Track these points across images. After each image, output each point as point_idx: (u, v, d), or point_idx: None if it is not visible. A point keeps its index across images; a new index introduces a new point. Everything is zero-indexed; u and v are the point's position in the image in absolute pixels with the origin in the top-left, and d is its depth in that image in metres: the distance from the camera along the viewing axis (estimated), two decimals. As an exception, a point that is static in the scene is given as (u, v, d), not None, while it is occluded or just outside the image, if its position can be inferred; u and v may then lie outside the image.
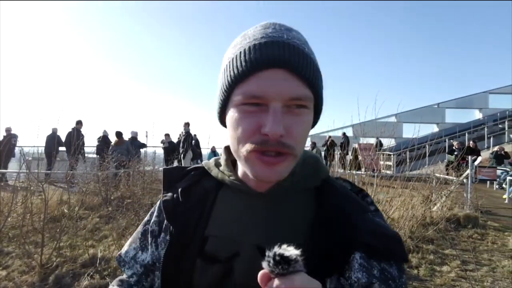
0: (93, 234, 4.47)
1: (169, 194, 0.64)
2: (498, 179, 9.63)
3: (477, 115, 20.63)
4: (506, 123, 17.42)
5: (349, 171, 6.51)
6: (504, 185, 9.25)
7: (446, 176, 7.23)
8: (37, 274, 3.24)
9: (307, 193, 0.60)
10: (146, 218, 0.69)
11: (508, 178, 8.69)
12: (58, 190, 5.44)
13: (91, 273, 3.23)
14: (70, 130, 9.01)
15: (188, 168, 0.69)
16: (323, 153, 11.91)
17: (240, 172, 0.61)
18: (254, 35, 0.52)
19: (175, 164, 10.49)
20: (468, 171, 6.82)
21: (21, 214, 3.91)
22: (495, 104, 20.62)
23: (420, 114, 19.01)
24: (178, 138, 10.95)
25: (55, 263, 3.37)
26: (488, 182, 10.23)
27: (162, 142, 10.52)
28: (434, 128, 19.89)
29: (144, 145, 10.50)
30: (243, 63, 0.50)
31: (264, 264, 0.40)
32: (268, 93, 0.49)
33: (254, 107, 0.50)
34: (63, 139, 9.40)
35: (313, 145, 12.77)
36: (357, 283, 0.49)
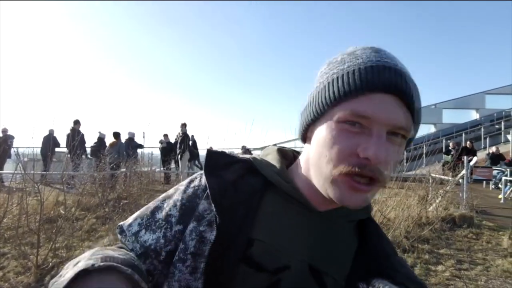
0: (90, 235, 4.47)
1: (215, 180, 0.56)
2: (494, 179, 9.70)
3: (474, 115, 20.75)
4: (503, 123, 17.53)
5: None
6: (499, 185, 9.31)
7: (442, 176, 7.27)
8: (33, 274, 3.23)
9: (352, 224, 0.59)
10: (167, 194, 0.62)
11: (504, 178, 8.76)
12: (54, 191, 5.43)
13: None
14: (69, 131, 8.99)
15: (235, 158, 0.62)
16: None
17: (301, 183, 0.57)
18: (368, 57, 0.50)
19: (172, 165, 10.50)
20: (463, 171, 6.87)
21: (17, 215, 3.90)
22: (492, 105, 20.75)
23: (417, 114, 19.12)
24: (175, 139, 10.96)
25: (51, 263, 3.37)
26: (484, 182, 10.30)
27: (161, 142, 10.52)
28: (432, 129, 20.01)
29: (141, 146, 10.49)
30: (357, 81, 0.47)
31: None
32: (378, 116, 0.46)
33: (355, 127, 0.47)
34: (59, 140, 9.40)
35: None
36: None
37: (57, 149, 9.72)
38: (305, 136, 0.57)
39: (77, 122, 9.06)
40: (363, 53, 0.51)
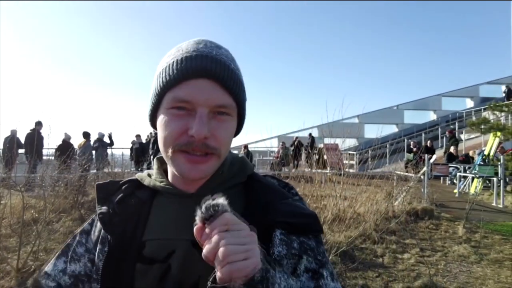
0: (67, 237, 4.38)
1: (105, 207, 0.65)
2: (449, 175, 10.54)
3: (432, 116, 22.12)
4: (457, 123, 18.86)
5: (315, 170, 6.87)
6: (454, 181, 10.15)
7: (406, 174, 7.83)
8: (13, 278, 3.17)
9: (235, 189, 0.65)
10: (77, 231, 0.70)
11: (458, 174, 9.56)
12: (20, 194, 5.22)
13: (71, 275, 3.23)
14: (29, 131, 8.60)
15: (122, 182, 0.70)
16: (291, 153, 12.26)
17: (170, 177, 0.65)
18: (187, 48, 0.58)
19: (145, 166, 10.33)
20: (425, 168, 7.47)
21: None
22: (448, 106, 22.31)
23: (381, 115, 19.83)
24: (147, 139, 10.79)
25: (33, 266, 3.32)
26: (441, 178, 11.16)
27: (133, 143, 10.32)
28: (394, 129, 21.07)
29: (111, 144, 10.23)
30: (175, 71, 0.56)
31: (197, 218, 0.46)
32: (196, 98, 0.55)
33: (182, 111, 0.56)
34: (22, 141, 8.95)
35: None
36: (279, 256, 0.56)
37: (20, 151, 9.22)
38: (154, 125, 0.63)
39: (38, 124, 8.64)
40: (186, 45, 0.60)
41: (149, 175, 0.69)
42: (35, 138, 6.62)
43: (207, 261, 0.45)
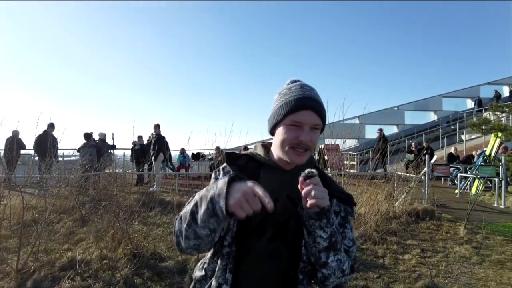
0: (68, 238, 4.39)
1: (233, 166, 1.04)
2: (450, 176, 10.52)
3: (432, 117, 22.11)
4: (457, 124, 18.85)
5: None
6: (455, 181, 10.13)
7: (406, 174, 7.81)
8: (13, 279, 3.17)
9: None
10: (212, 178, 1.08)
11: (459, 174, 9.54)
12: (19, 195, 5.22)
13: (71, 276, 3.22)
14: (42, 133, 8.56)
15: (239, 154, 1.09)
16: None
17: (276, 159, 1.04)
18: (297, 91, 0.99)
19: (146, 167, 10.33)
20: (425, 169, 7.45)
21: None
22: (448, 107, 22.30)
23: (381, 116, 19.73)
24: (148, 140, 10.79)
25: (33, 267, 3.31)
26: (442, 178, 11.14)
27: (134, 143, 10.31)
28: (395, 129, 21.06)
29: (113, 147, 10.22)
30: (293, 106, 0.96)
31: (302, 176, 0.86)
32: (304, 121, 0.96)
33: (295, 127, 0.97)
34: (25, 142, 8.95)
35: None
36: (334, 210, 0.98)
37: (22, 152, 9.24)
38: (273, 132, 1.04)
39: (51, 126, 8.60)
40: (295, 89, 1.00)
41: (256, 153, 1.08)
42: (47, 139, 6.58)
43: (304, 197, 0.86)
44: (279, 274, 0.95)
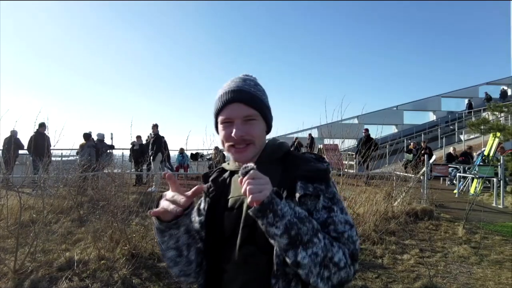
0: (66, 238, 4.37)
1: (206, 184, 1.05)
2: (449, 176, 10.53)
3: (431, 117, 22.15)
4: (456, 124, 18.89)
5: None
6: (454, 181, 10.14)
7: (405, 174, 7.81)
8: (10, 280, 3.15)
9: (277, 163, 0.97)
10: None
11: (458, 174, 9.55)
12: (16, 195, 5.20)
13: (69, 276, 3.21)
14: (34, 133, 8.53)
15: (213, 171, 1.10)
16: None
17: (233, 162, 1.03)
18: (224, 87, 0.97)
19: (144, 167, 10.31)
20: (424, 169, 7.45)
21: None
22: (446, 107, 22.36)
23: (380, 116, 19.70)
24: (147, 140, 10.77)
25: (30, 268, 3.30)
26: (441, 178, 11.15)
27: (133, 144, 10.28)
28: (394, 129, 21.09)
29: (112, 147, 10.18)
30: (219, 103, 0.95)
31: (239, 177, 0.78)
32: (233, 115, 0.93)
33: (227, 124, 0.94)
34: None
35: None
36: (303, 198, 0.87)
37: (20, 152, 9.20)
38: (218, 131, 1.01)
39: (42, 125, 8.57)
40: (225, 85, 0.98)
41: (228, 164, 1.06)
42: (44, 139, 6.54)
43: (244, 195, 0.77)
44: (259, 278, 0.87)
